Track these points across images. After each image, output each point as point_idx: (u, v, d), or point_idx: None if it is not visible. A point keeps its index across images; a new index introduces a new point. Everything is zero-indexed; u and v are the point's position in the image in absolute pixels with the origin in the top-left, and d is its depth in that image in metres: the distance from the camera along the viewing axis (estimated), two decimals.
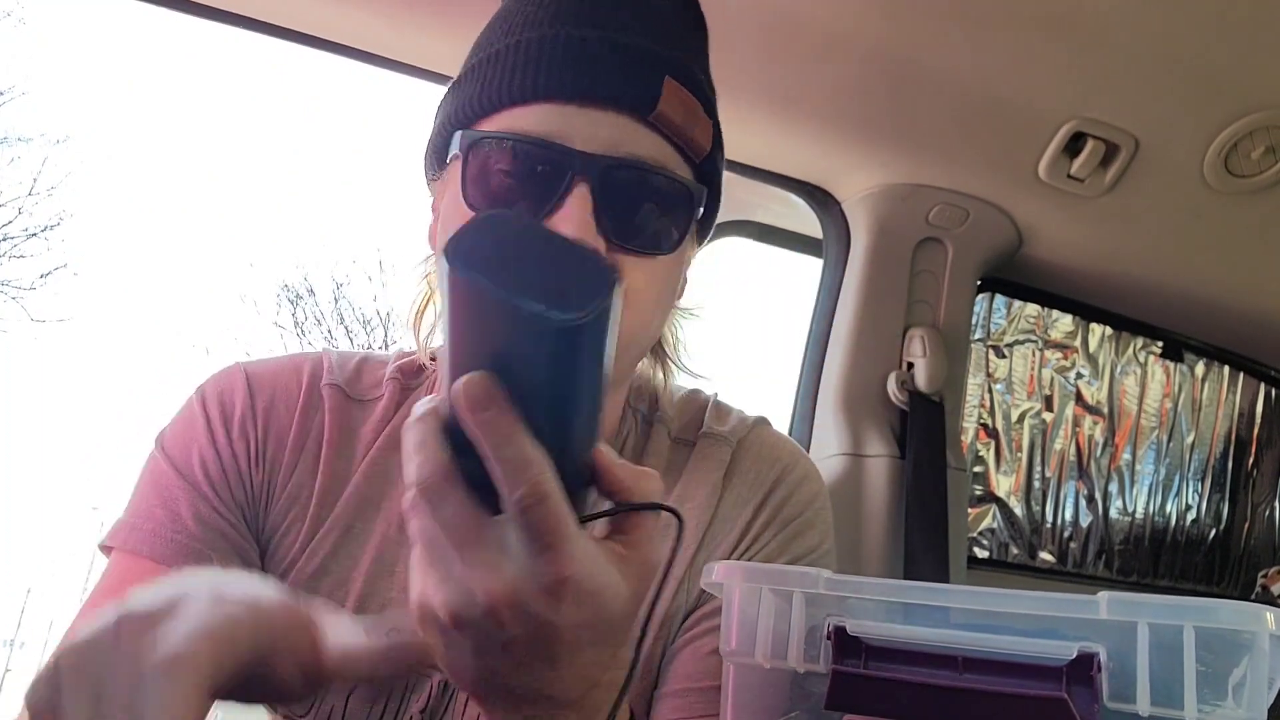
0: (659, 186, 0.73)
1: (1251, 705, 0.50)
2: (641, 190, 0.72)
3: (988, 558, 1.85)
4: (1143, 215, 1.56)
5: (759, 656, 0.63)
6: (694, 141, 0.75)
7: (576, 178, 0.69)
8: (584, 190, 0.69)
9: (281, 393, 0.85)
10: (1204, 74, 1.32)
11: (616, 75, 0.71)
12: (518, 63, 0.73)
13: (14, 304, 12.61)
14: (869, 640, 0.60)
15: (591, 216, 0.69)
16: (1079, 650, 0.53)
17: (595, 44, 0.72)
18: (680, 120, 0.73)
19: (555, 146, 0.70)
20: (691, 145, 0.75)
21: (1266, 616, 0.49)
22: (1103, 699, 0.53)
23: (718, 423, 0.91)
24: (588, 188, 0.69)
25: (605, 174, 0.70)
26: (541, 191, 0.70)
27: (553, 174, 0.70)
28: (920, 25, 1.27)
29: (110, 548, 0.79)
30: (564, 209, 0.68)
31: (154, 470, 0.81)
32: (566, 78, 0.71)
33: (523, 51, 0.73)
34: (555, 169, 0.70)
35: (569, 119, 0.70)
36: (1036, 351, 1.92)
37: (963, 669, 0.57)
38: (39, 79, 20.92)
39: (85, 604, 0.78)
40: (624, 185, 0.71)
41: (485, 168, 0.72)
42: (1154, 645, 0.50)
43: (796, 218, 1.77)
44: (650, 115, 0.71)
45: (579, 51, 0.71)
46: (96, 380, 25.05)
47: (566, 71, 0.71)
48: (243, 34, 1.27)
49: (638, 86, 0.71)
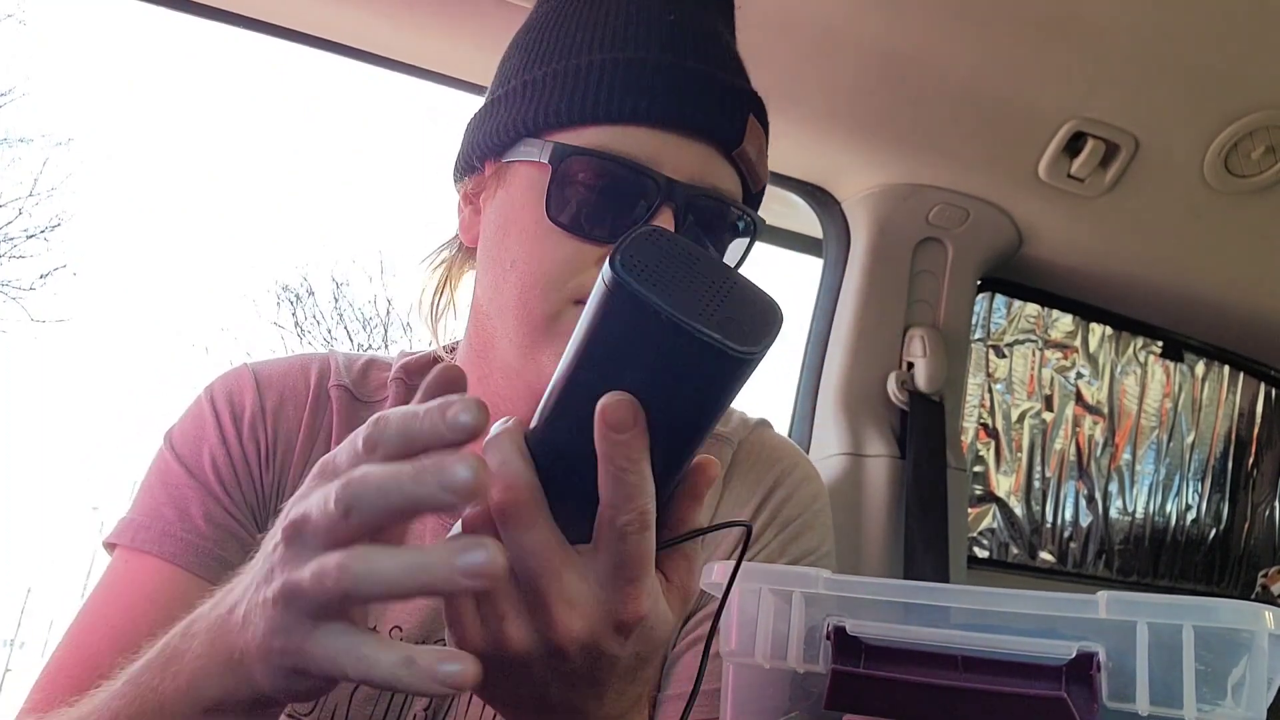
0: (734, 218, 0.77)
1: (1251, 705, 0.50)
2: (719, 221, 0.76)
3: (988, 558, 1.85)
4: (1143, 215, 1.56)
5: (759, 657, 0.63)
6: (759, 177, 0.79)
7: (663, 203, 0.71)
8: (668, 215, 0.71)
9: (290, 393, 0.85)
10: (1204, 74, 1.32)
11: (714, 108, 0.74)
12: (615, 82, 0.73)
13: (14, 304, 12.61)
14: (868, 640, 0.60)
15: None
16: (1078, 650, 0.53)
17: (694, 75, 0.74)
18: (754, 157, 0.77)
19: (649, 171, 0.72)
20: (755, 180, 0.79)
21: (1265, 615, 0.49)
22: (1102, 698, 0.53)
23: (720, 423, 0.91)
24: (671, 213, 0.71)
25: (690, 202, 0.72)
26: (628, 212, 0.72)
27: (641, 197, 0.72)
28: (920, 25, 1.27)
29: (114, 545, 0.79)
30: None
31: (163, 469, 0.81)
32: (670, 105, 0.72)
33: (621, 71, 0.73)
34: (644, 192, 0.72)
35: (662, 145, 0.72)
36: (1036, 351, 1.92)
37: (962, 669, 0.57)
38: (40, 80, 20.93)
39: (87, 602, 0.78)
40: (704, 214, 0.74)
41: (573, 180, 0.73)
42: (1153, 644, 0.50)
43: (796, 217, 1.77)
44: (735, 151, 0.75)
45: (680, 80, 0.73)
46: (96, 380, 25.05)
47: (671, 99, 0.72)
48: (243, 34, 1.27)
49: (728, 121, 0.74)
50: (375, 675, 0.40)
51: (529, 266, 0.74)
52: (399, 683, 0.40)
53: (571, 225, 0.73)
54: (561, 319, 0.73)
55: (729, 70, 0.78)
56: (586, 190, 0.73)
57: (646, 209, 0.71)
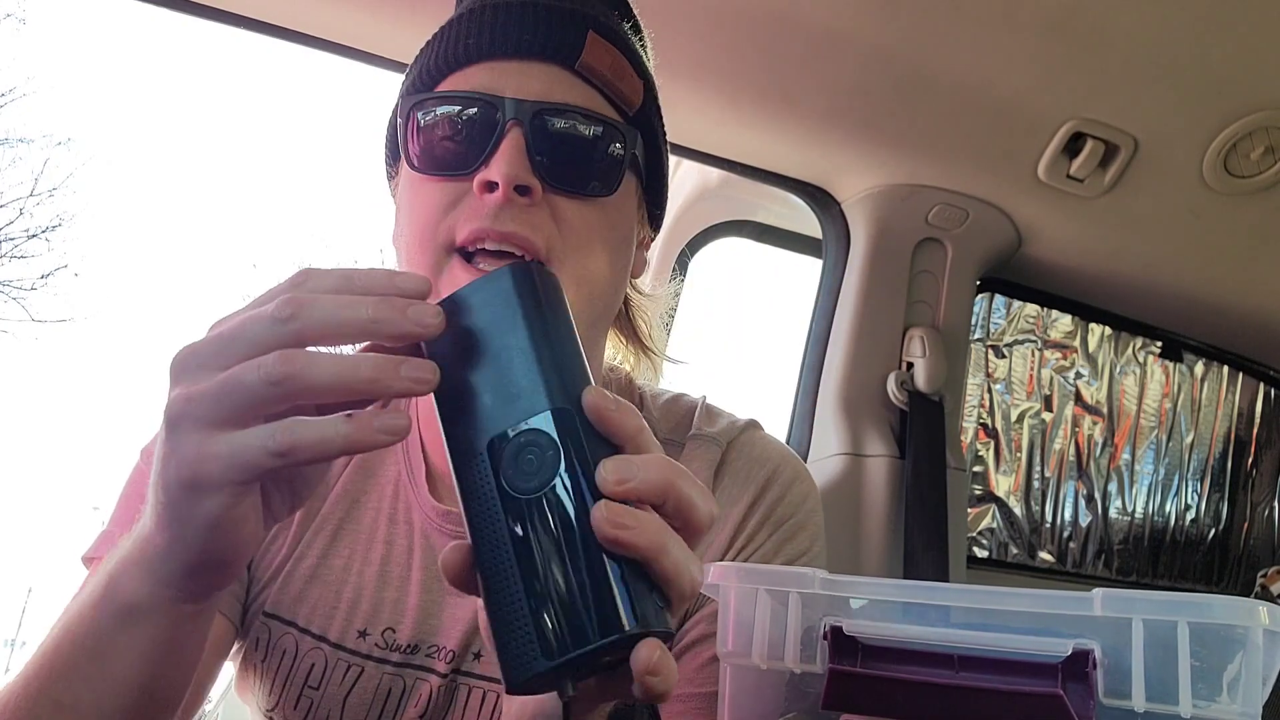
0: (589, 127, 0.76)
1: (1246, 700, 0.50)
2: (573, 131, 0.75)
3: (987, 557, 1.86)
4: (1142, 215, 1.56)
5: (755, 657, 0.63)
6: (623, 93, 0.79)
7: (509, 123, 0.72)
8: (517, 134, 0.72)
9: None
10: (1203, 75, 1.32)
11: (542, 30, 0.76)
12: (452, 35, 0.78)
13: (15, 304, 12.62)
14: (865, 640, 0.60)
15: (526, 158, 0.72)
16: (1074, 647, 0.53)
17: (519, 8, 0.77)
18: (607, 71, 0.77)
19: (486, 97, 0.74)
20: (622, 96, 0.79)
21: (1260, 611, 0.49)
22: (1098, 695, 0.53)
23: (708, 424, 0.90)
24: (520, 132, 0.72)
25: (536, 117, 0.73)
26: (479, 141, 0.73)
27: (487, 123, 0.73)
28: (920, 26, 1.27)
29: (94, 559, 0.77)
30: (499, 153, 0.71)
31: (138, 480, 0.81)
32: (497, 37, 0.76)
33: (455, 25, 0.78)
34: (488, 118, 0.73)
35: (502, 74, 0.75)
36: (1036, 351, 1.92)
37: (959, 667, 0.57)
38: (41, 80, 20.92)
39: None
40: (555, 127, 0.74)
41: (425, 128, 0.76)
42: (1149, 641, 0.51)
43: (796, 218, 1.77)
44: (576, 64, 0.76)
45: (505, 15, 0.76)
46: (97, 380, 25.03)
47: (496, 32, 0.76)
48: (246, 35, 1.28)
49: (561, 39, 0.76)
50: (308, 436, 0.43)
51: (409, 223, 0.77)
52: (338, 437, 0.43)
53: (432, 168, 0.75)
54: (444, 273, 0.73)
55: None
56: (438, 133, 0.75)
57: (496, 133, 0.72)
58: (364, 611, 0.78)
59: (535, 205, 0.72)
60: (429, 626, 0.78)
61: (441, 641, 0.77)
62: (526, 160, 0.71)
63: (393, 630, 0.78)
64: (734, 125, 1.43)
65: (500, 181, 0.70)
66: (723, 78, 1.35)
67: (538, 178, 0.72)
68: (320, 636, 0.78)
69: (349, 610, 0.78)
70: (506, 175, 0.70)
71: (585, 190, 0.75)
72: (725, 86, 1.36)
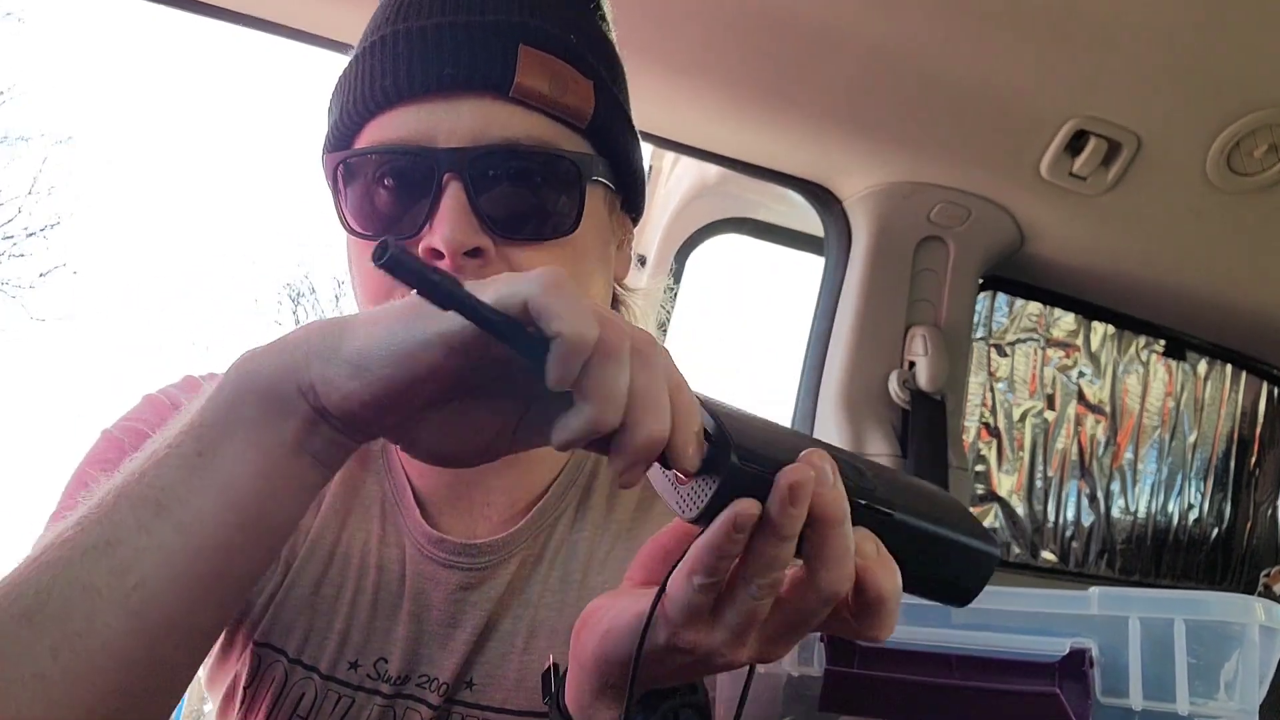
0: (537, 166, 0.67)
1: (1243, 698, 0.50)
2: (519, 174, 0.66)
3: None
4: (1145, 213, 1.56)
5: None
6: (570, 108, 0.68)
7: (446, 177, 0.64)
8: (456, 189, 0.64)
9: None
10: (1206, 72, 1.32)
11: (465, 57, 0.65)
12: (365, 73, 0.68)
13: (14, 303, 12.65)
14: (862, 640, 0.60)
15: (471, 214, 0.64)
16: (1071, 646, 0.53)
17: (435, 31, 0.66)
18: (547, 89, 0.67)
19: (413, 149, 0.65)
20: (569, 111, 0.68)
21: (1256, 608, 0.49)
22: (1095, 694, 0.53)
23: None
24: (459, 185, 0.64)
25: (473, 165, 0.64)
26: (415, 199, 0.66)
27: (422, 179, 0.65)
28: (922, 23, 1.27)
29: None
30: (439, 215, 0.64)
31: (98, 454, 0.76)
32: (415, 72, 0.66)
33: (366, 60, 0.69)
34: (422, 172, 0.65)
35: (429, 116, 0.65)
36: (1038, 350, 1.92)
37: (956, 667, 0.57)
38: (39, 78, 20.95)
39: None
40: (497, 173, 0.65)
41: (356, 190, 0.68)
42: (1145, 639, 0.51)
43: (798, 216, 1.77)
44: (510, 92, 0.65)
45: (422, 44, 0.66)
46: (97, 379, 25.09)
47: (415, 66, 0.66)
48: (245, 32, 1.28)
49: (489, 65, 0.65)
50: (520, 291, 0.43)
51: (361, 288, 0.71)
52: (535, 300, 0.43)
53: (371, 233, 0.68)
54: None
55: (489, 10, 0.68)
56: (369, 197, 0.67)
57: (433, 191, 0.64)
58: (355, 642, 0.75)
59: (490, 264, 0.65)
60: (419, 656, 0.75)
61: (434, 672, 0.75)
62: (472, 218, 0.64)
63: (385, 660, 0.75)
64: (735, 122, 1.43)
65: (444, 250, 0.63)
66: (724, 75, 1.34)
67: (487, 234, 0.64)
68: (311, 667, 0.75)
69: (340, 641, 0.75)
70: (449, 242, 0.62)
71: (543, 235, 0.67)
72: (726, 83, 1.36)
